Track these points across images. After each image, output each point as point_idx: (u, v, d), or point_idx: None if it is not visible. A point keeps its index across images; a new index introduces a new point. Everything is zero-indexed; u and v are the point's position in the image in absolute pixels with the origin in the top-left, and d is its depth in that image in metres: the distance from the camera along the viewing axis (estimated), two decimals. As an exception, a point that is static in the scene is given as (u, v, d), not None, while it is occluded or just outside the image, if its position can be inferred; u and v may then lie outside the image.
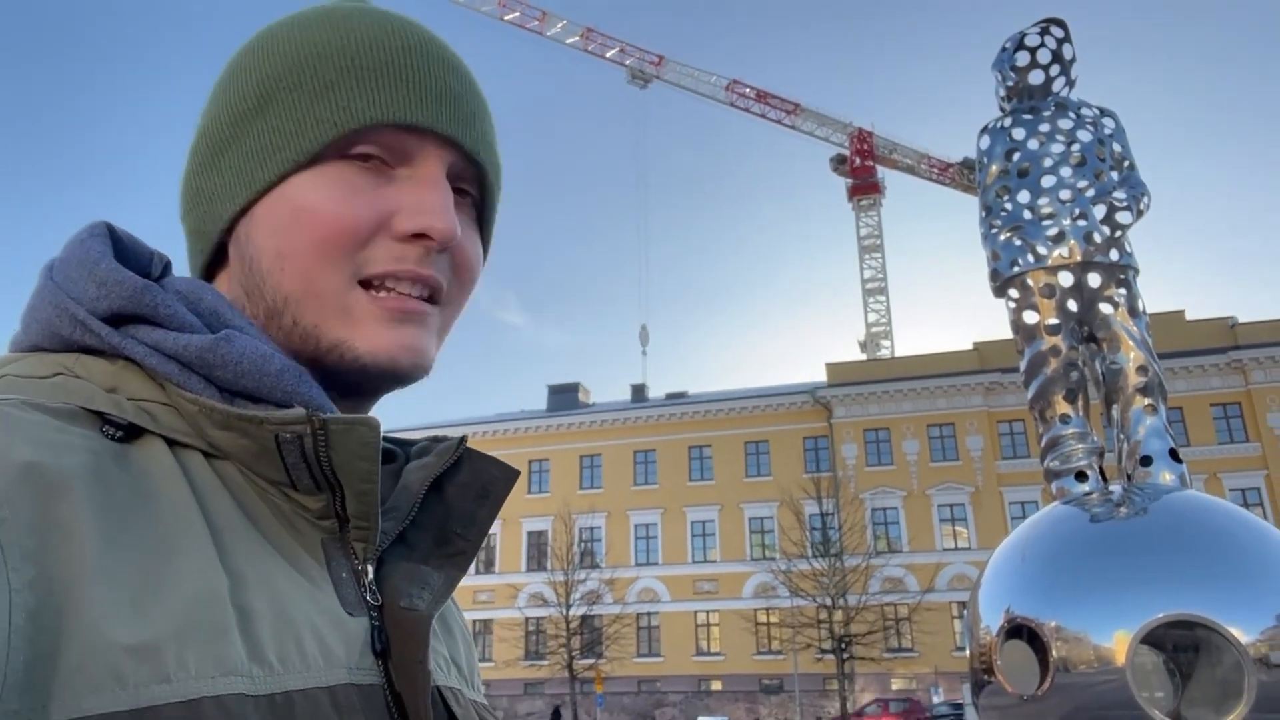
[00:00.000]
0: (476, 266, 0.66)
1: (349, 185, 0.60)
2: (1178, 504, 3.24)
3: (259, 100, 0.62)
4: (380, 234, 0.60)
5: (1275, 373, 35.12)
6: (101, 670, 0.43)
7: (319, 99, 0.60)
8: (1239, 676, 2.67)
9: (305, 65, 0.61)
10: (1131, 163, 4.04)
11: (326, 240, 0.59)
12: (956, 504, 37.08)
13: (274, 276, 0.60)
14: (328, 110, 0.59)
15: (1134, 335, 3.77)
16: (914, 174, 54.16)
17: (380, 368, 0.60)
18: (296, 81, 0.61)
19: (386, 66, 0.60)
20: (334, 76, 0.60)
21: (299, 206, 0.59)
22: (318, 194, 0.59)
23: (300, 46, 0.62)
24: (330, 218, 0.59)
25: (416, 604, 0.57)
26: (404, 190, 0.60)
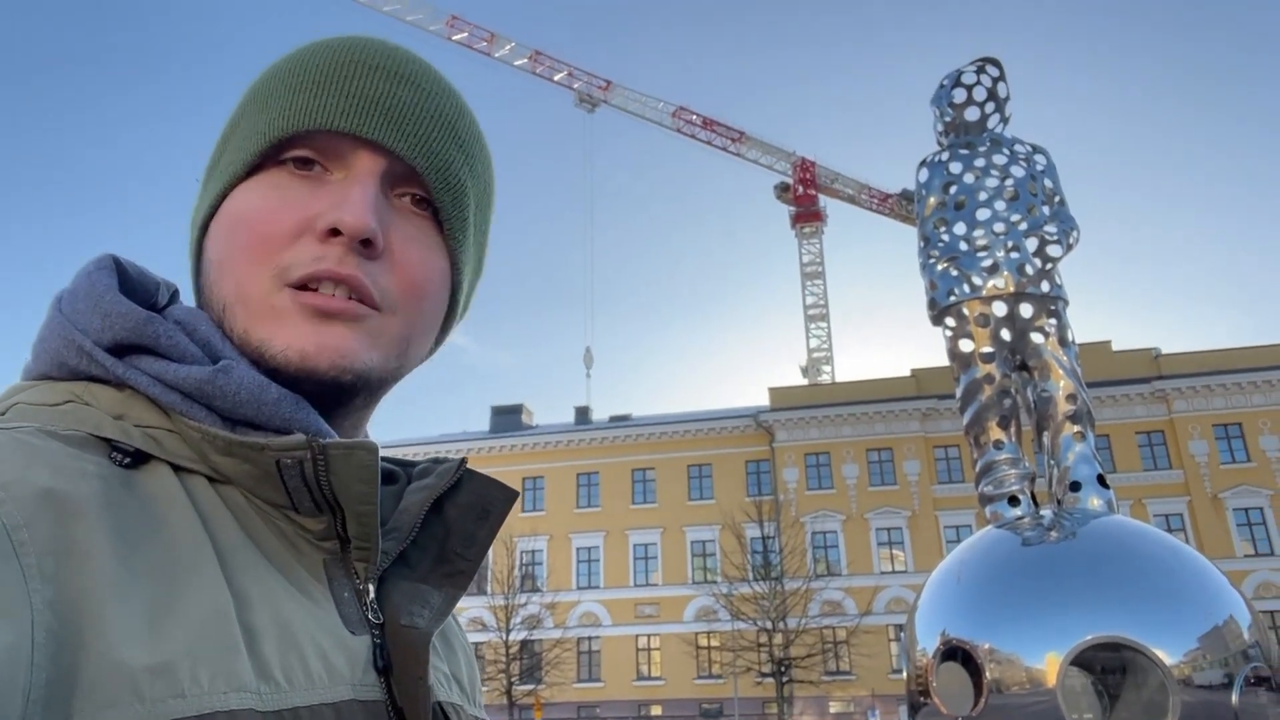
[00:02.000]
0: (424, 274, 0.65)
1: (279, 190, 0.61)
2: (1105, 529, 3.34)
3: (230, 128, 0.66)
4: (304, 235, 0.60)
5: (1196, 402, 36.48)
6: (120, 686, 0.44)
7: (260, 112, 0.63)
8: (1164, 697, 2.75)
9: (262, 88, 0.65)
10: (1062, 198, 4.18)
11: (251, 245, 0.60)
12: (894, 527, 37.59)
13: (218, 286, 0.61)
14: (264, 123, 0.62)
15: (1064, 364, 3.89)
16: (855, 203, 55.25)
17: (294, 366, 0.59)
18: (252, 105, 0.65)
19: (322, 78, 0.62)
20: (278, 93, 0.63)
21: (234, 215, 0.62)
22: (249, 202, 0.61)
23: (266, 74, 0.66)
24: (255, 223, 0.60)
25: (417, 622, 0.59)
26: (331, 191, 0.61)
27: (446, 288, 0.68)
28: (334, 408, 0.63)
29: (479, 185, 0.69)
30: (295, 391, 0.60)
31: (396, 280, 0.63)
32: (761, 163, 55.60)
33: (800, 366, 52.84)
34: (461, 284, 0.70)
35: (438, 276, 0.66)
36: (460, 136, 0.67)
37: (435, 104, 0.66)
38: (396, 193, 0.64)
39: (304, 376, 0.59)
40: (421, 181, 0.64)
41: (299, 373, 0.59)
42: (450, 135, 0.66)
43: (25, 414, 0.56)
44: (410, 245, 0.64)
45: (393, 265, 0.63)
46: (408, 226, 0.64)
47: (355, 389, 0.62)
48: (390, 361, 0.64)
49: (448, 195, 0.66)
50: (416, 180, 0.64)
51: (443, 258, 0.67)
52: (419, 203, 0.65)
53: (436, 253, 0.66)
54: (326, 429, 0.59)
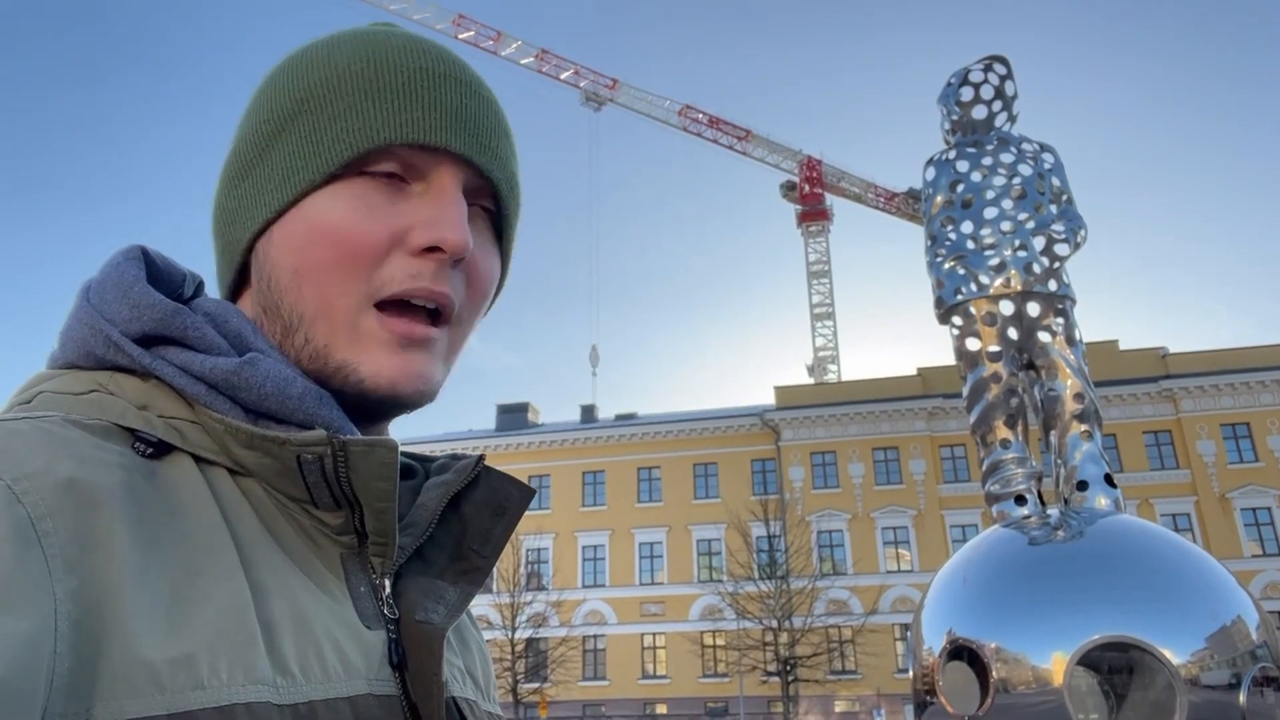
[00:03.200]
0: (491, 282, 0.67)
1: (365, 202, 0.61)
2: (1112, 528, 3.33)
3: (282, 122, 0.63)
4: (395, 250, 0.61)
5: (1204, 402, 36.35)
6: (141, 676, 0.45)
7: (336, 119, 0.61)
8: (1170, 697, 2.74)
9: (326, 87, 0.62)
10: (1070, 196, 4.17)
11: (343, 258, 0.60)
12: (900, 526, 37.53)
13: (290, 294, 0.61)
14: (345, 130, 0.61)
15: (1071, 363, 3.88)
16: (861, 202, 55.16)
17: (381, 393, 0.61)
18: (316, 103, 0.62)
19: (403, 87, 0.62)
20: (352, 98, 0.61)
21: (316, 224, 0.60)
22: (335, 212, 0.60)
23: (323, 69, 0.63)
24: (347, 235, 0.60)
25: (432, 618, 0.59)
26: (419, 206, 0.61)
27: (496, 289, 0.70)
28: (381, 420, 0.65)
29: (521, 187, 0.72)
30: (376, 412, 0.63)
31: (469, 291, 0.65)
32: (768, 161, 55.55)
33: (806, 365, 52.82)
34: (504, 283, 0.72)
35: (494, 282, 0.68)
36: (513, 142, 0.69)
37: (496, 112, 0.67)
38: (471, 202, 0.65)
39: (390, 402, 0.61)
40: (491, 191, 0.65)
41: (386, 398, 0.61)
42: (509, 142, 0.68)
43: (50, 403, 0.56)
44: (479, 254, 0.65)
45: (466, 276, 0.64)
46: (477, 234, 0.66)
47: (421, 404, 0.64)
48: (447, 373, 0.67)
49: (513, 204, 0.68)
50: (485, 190, 0.65)
51: (498, 263, 0.69)
52: (480, 209, 0.67)
53: (496, 258, 0.68)
54: (349, 425, 0.60)
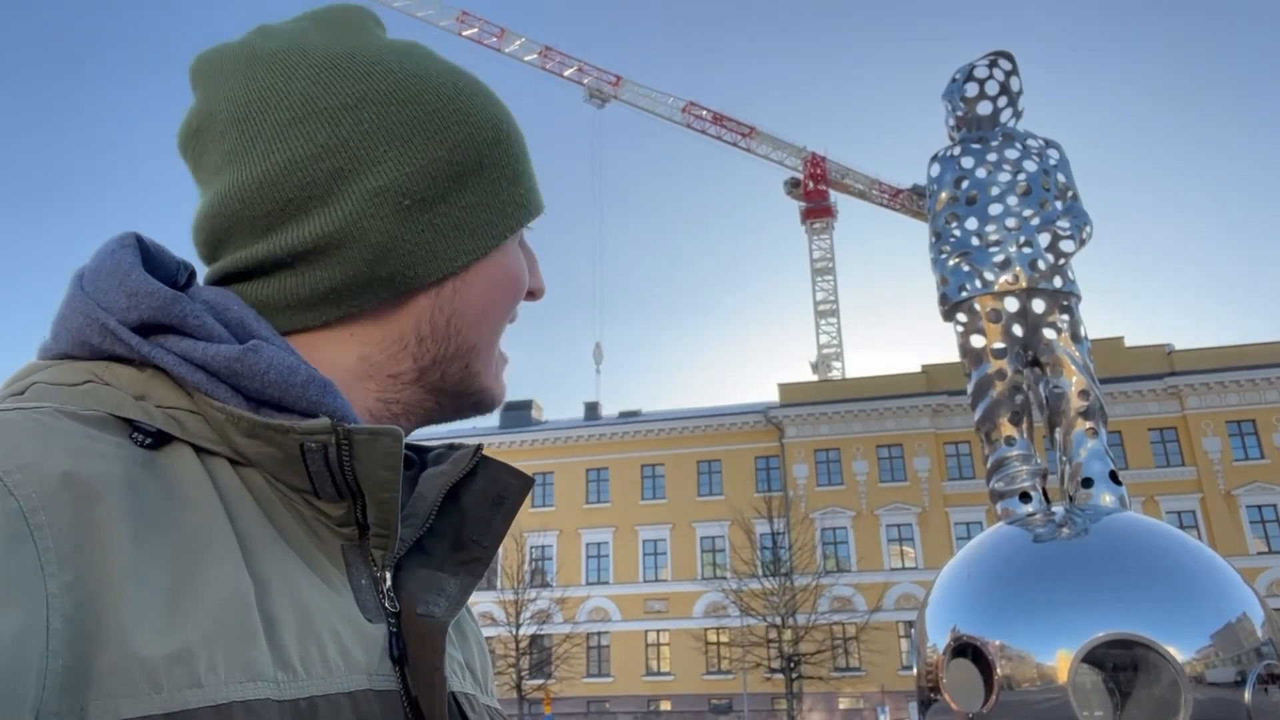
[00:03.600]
0: None
1: (521, 252, 0.71)
2: (1117, 525, 3.32)
3: (470, 166, 0.66)
4: None
5: (1209, 399, 36.26)
6: (136, 674, 0.44)
7: (518, 181, 0.69)
8: (1176, 694, 2.73)
9: (501, 144, 0.68)
10: (1075, 192, 4.16)
11: (514, 301, 0.70)
12: (904, 524, 37.51)
13: (473, 329, 0.67)
14: (527, 194, 0.70)
15: (1076, 360, 3.87)
16: (865, 199, 55.06)
17: (493, 406, 0.72)
18: (495, 159, 0.68)
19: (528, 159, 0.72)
20: (523, 163, 0.70)
21: (509, 271, 0.69)
22: (517, 262, 0.70)
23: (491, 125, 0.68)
24: (520, 284, 0.70)
25: (433, 610, 0.59)
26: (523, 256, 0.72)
27: None
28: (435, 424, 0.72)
29: None
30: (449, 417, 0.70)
31: None
32: (772, 158, 55.47)
33: (810, 362, 52.78)
34: None
35: None
36: None
37: None
38: None
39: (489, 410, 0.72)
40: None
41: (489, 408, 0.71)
42: None
43: (44, 393, 0.55)
44: None
45: None
46: None
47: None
48: None
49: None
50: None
51: None
52: None
53: None
54: (352, 414, 0.59)
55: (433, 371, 0.66)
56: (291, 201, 0.61)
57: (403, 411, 0.66)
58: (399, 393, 0.65)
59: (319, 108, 0.62)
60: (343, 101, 0.62)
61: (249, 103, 0.62)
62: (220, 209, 0.63)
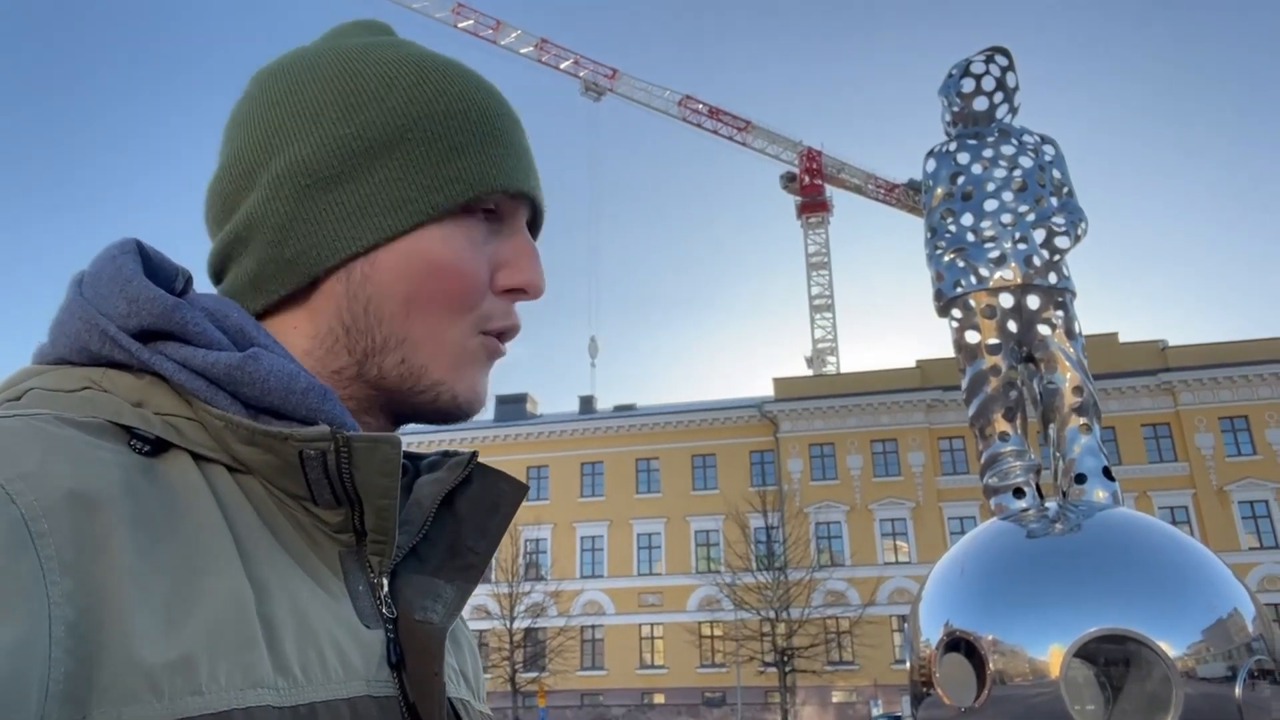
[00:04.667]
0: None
1: (472, 241, 0.64)
2: (1110, 521, 3.33)
3: (381, 144, 0.62)
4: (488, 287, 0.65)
5: (1203, 395, 36.38)
6: (138, 681, 0.44)
7: (450, 159, 0.63)
8: (1167, 689, 2.75)
9: (432, 120, 0.63)
10: (1070, 189, 4.16)
11: (459, 294, 0.63)
12: (898, 518, 37.62)
13: (397, 320, 0.62)
14: (461, 171, 0.63)
15: (1070, 356, 3.88)
16: (861, 194, 55.08)
17: (463, 410, 0.65)
18: (423, 135, 0.63)
19: (502, 136, 0.66)
20: (463, 139, 0.64)
21: (434, 260, 0.62)
22: (451, 249, 0.63)
23: (423, 100, 0.64)
24: (464, 274, 0.63)
25: (431, 616, 0.59)
26: (505, 246, 0.66)
27: None
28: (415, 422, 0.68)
29: None
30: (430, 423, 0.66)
31: None
32: (768, 152, 55.46)
33: (805, 357, 52.87)
34: None
35: None
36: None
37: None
38: None
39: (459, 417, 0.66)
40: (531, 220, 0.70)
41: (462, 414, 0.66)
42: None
43: (42, 400, 0.55)
44: None
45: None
46: None
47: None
48: None
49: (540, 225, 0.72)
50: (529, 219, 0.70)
51: None
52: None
53: None
54: (350, 421, 0.59)
55: (369, 366, 0.63)
56: (229, 196, 0.65)
57: (359, 409, 0.65)
58: (348, 388, 0.64)
59: (257, 105, 0.65)
60: (274, 96, 0.65)
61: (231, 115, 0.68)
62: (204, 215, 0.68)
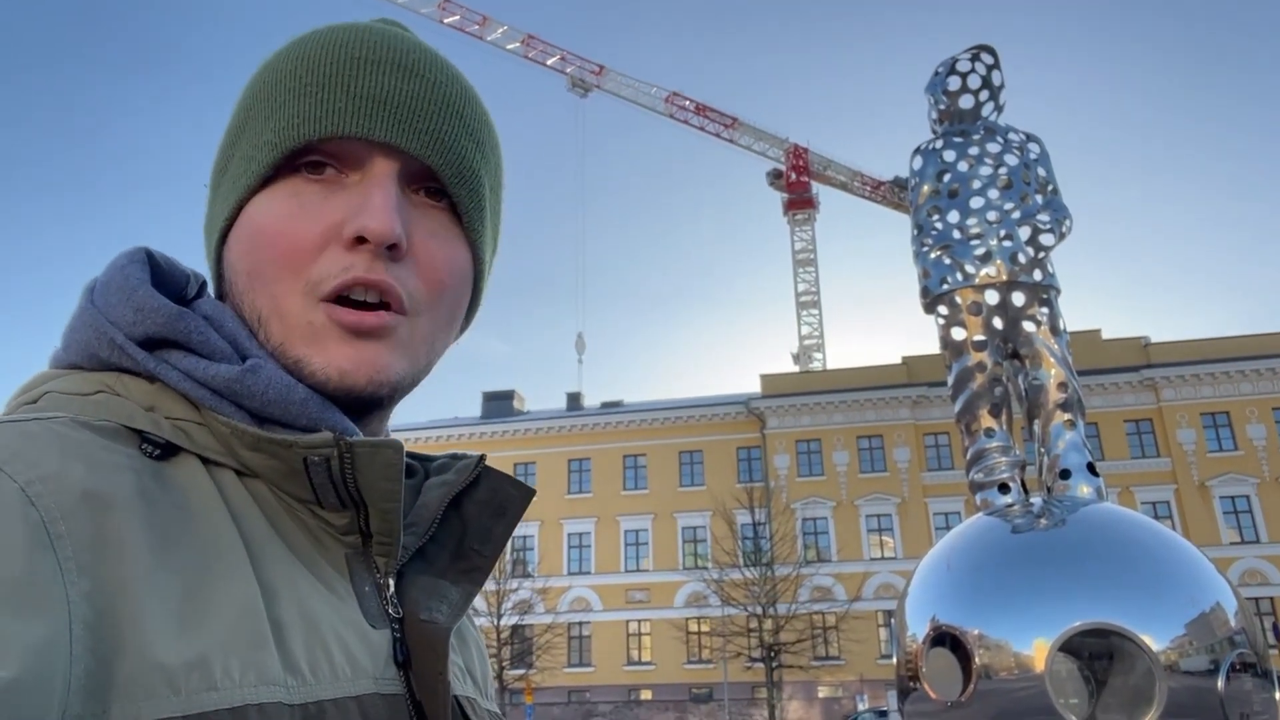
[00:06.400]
0: (448, 270, 0.65)
1: (298, 199, 0.61)
2: (1094, 516, 3.36)
3: (238, 128, 0.65)
4: (331, 244, 0.60)
5: (1185, 391, 36.69)
6: (156, 678, 0.45)
7: (270, 119, 0.62)
8: (1150, 683, 2.77)
9: (265, 89, 0.63)
10: (1055, 187, 4.18)
11: (280, 257, 0.60)
12: (884, 514, 37.77)
13: (248, 296, 0.61)
14: (274, 130, 0.61)
15: (1055, 353, 3.91)
16: (847, 191, 55.22)
17: (333, 385, 0.60)
18: (258, 108, 0.63)
19: (327, 79, 0.61)
20: (282, 97, 0.62)
21: (256, 226, 0.61)
22: (270, 213, 0.61)
23: (271, 70, 0.64)
24: (278, 235, 0.60)
25: (436, 617, 0.60)
26: (350, 196, 0.61)
27: (469, 279, 0.67)
28: (362, 414, 0.64)
29: (491, 169, 0.69)
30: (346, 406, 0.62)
31: (422, 280, 0.63)
32: (754, 149, 55.50)
33: (792, 353, 52.98)
34: (483, 272, 0.70)
35: (460, 270, 0.66)
36: (469, 123, 0.66)
37: (442, 94, 0.64)
38: (413, 189, 0.63)
39: (342, 393, 0.60)
40: (437, 176, 0.64)
41: (337, 390, 0.60)
42: (460, 124, 0.65)
43: (58, 403, 0.56)
44: (432, 242, 0.63)
45: (417, 265, 0.62)
46: (428, 222, 0.64)
47: (387, 399, 0.63)
48: (418, 365, 0.65)
49: (464, 188, 0.65)
50: (432, 174, 0.63)
51: (464, 249, 0.66)
52: (434, 194, 0.64)
53: (458, 245, 0.66)
54: (352, 427, 0.60)
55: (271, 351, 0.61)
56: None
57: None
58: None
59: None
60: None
61: None
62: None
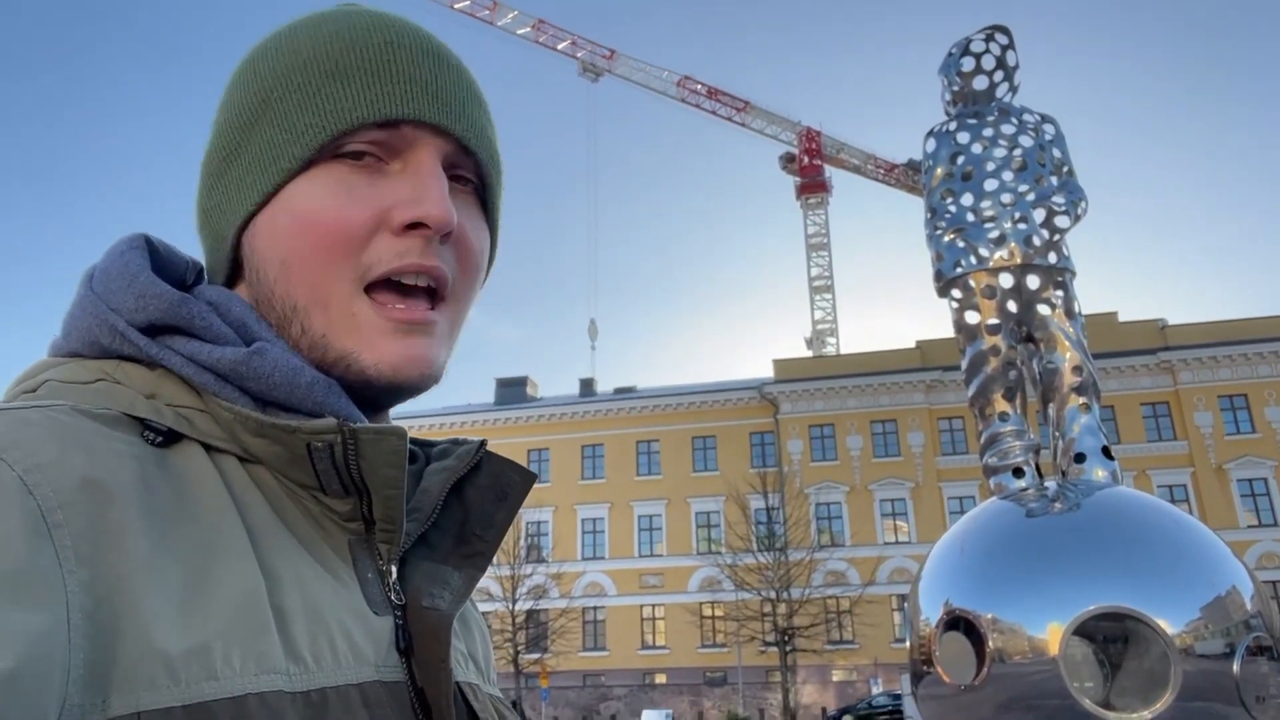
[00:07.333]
0: (482, 255, 0.67)
1: (345, 186, 0.60)
2: (1109, 500, 3.34)
3: (254, 113, 0.63)
4: (380, 231, 0.60)
5: (1202, 373, 36.40)
6: (156, 667, 0.45)
7: (307, 104, 0.61)
8: (1165, 666, 2.76)
9: (293, 72, 0.62)
10: (1070, 168, 4.14)
11: (328, 245, 0.59)
12: (897, 499, 37.73)
13: (281, 285, 0.61)
14: (315, 115, 0.60)
15: (1070, 336, 3.88)
16: (860, 174, 54.87)
17: (384, 380, 0.61)
18: (284, 90, 0.62)
19: (369, 64, 0.61)
20: (319, 81, 0.61)
21: (298, 213, 0.60)
22: (315, 199, 0.60)
23: (288, 55, 0.63)
24: (330, 220, 0.59)
25: (438, 603, 0.60)
26: (399, 183, 0.61)
27: (487, 262, 0.69)
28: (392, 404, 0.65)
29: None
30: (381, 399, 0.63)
31: (460, 265, 0.64)
32: (767, 133, 55.18)
33: (805, 338, 52.82)
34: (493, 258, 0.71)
35: (485, 254, 0.68)
36: (489, 111, 0.68)
37: (469, 81, 0.66)
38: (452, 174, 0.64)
39: (394, 388, 0.61)
40: (471, 162, 0.65)
41: (390, 385, 0.61)
42: (485, 111, 0.67)
43: (58, 391, 0.56)
44: (469, 228, 0.65)
45: (456, 251, 0.63)
46: (463, 208, 0.65)
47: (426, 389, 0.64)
48: (451, 351, 0.66)
49: (494, 172, 0.67)
50: (465, 163, 0.65)
51: (486, 233, 0.68)
52: (458, 179, 0.65)
53: (483, 229, 0.67)
54: (356, 413, 0.60)
55: (287, 340, 0.61)
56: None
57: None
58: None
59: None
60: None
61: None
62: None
